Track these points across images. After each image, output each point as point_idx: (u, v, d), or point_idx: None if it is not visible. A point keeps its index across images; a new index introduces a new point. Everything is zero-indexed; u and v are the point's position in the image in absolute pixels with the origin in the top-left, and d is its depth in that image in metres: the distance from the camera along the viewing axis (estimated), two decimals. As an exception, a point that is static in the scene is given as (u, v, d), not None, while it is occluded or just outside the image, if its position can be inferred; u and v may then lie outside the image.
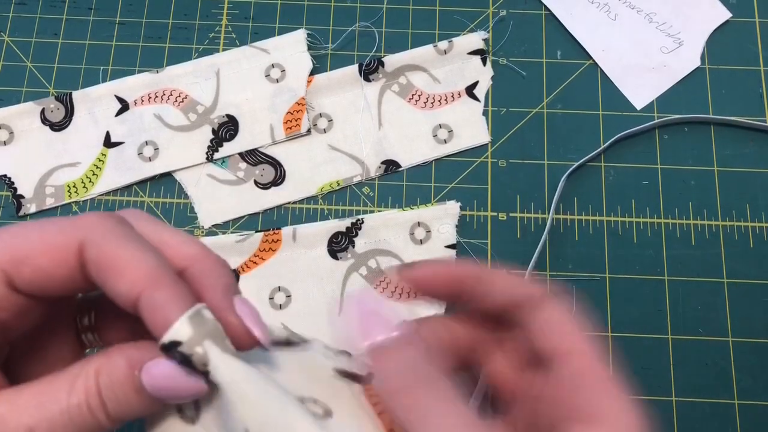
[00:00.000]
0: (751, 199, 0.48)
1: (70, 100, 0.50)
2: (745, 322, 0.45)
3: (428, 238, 0.45)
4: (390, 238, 0.45)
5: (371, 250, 0.45)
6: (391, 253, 0.45)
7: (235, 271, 0.41)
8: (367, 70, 0.50)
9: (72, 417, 0.22)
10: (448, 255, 0.45)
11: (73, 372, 0.22)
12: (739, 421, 0.43)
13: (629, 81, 0.51)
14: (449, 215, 0.46)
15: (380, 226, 0.45)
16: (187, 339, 0.21)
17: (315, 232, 0.45)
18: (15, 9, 0.53)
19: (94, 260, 0.23)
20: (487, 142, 0.49)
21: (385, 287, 0.39)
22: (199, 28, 0.52)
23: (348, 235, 0.45)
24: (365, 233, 0.45)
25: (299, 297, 0.44)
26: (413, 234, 0.45)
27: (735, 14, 0.52)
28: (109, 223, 0.23)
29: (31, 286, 0.23)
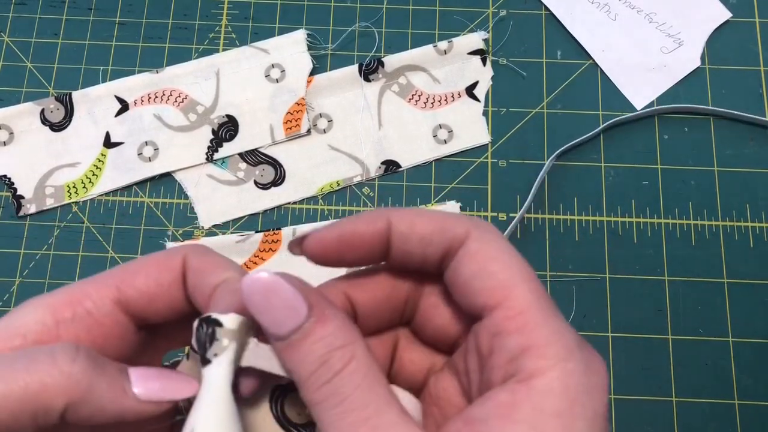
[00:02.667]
0: (751, 199, 0.48)
1: (70, 101, 0.50)
2: (745, 322, 0.45)
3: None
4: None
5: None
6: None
7: None
8: (367, 70, 0.50)
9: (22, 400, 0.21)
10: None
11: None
12: (739, 421, 0.43)
13: (629, 81, 0.51)
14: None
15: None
16: (228, 328, 0.22)
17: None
18: (15, 9, 0.53)
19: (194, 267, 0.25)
20: (487, 142, 0.49)
21: None
22: (199, 28, 0.52)
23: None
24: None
25: None
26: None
27: (735, 14, 0.52)
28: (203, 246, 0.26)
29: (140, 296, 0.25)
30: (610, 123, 0.49)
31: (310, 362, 0.21)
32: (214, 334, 0.22)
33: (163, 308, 0.25)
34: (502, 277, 0.22)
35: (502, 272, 0.22)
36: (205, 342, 0.22)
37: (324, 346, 0.21)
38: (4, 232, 0.48)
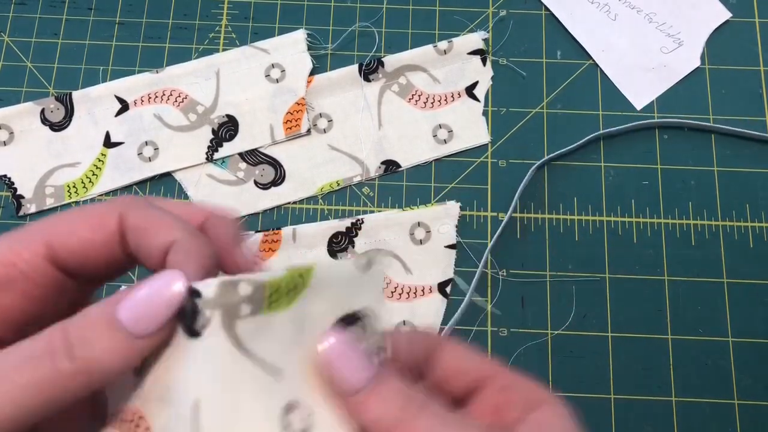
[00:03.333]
0: (751, 199, 0.48)
1: (70, 101, 0.50)
2: (745, 322, 0.45)
3: (428, 239, 0.45)
4: (390, 239, 0.45)
5: (371, 250, 0.45)
6: (391, 253, 0.45)
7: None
8: (367, 70, 0.50)
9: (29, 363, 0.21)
10: (448, 255, 0.45)
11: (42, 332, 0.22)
12: (739, 421, 0.43)
13: (629, 81, 0.51)
14: (449, 215, 0.46)
15: (380, 226, 0.46)
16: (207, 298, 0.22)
17: (315, 232, 0.46)
18: (15, 9, 0.53)
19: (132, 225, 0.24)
20: (487, 142, 0.49)
21: (385, 287, 0.39)
22: (199, 28, 0.52)
23: (348, 235, 0.45)
24: (365, 233, 0.45)
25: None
26: (413, 234, 0.45)
27: (735, 14, 0.52)
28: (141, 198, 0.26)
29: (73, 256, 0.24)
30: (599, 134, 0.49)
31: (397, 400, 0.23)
32: (196, 306, 0.22)
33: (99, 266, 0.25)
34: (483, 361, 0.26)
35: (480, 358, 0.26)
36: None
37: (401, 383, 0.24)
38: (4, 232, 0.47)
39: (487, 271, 0.46)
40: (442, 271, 0.45)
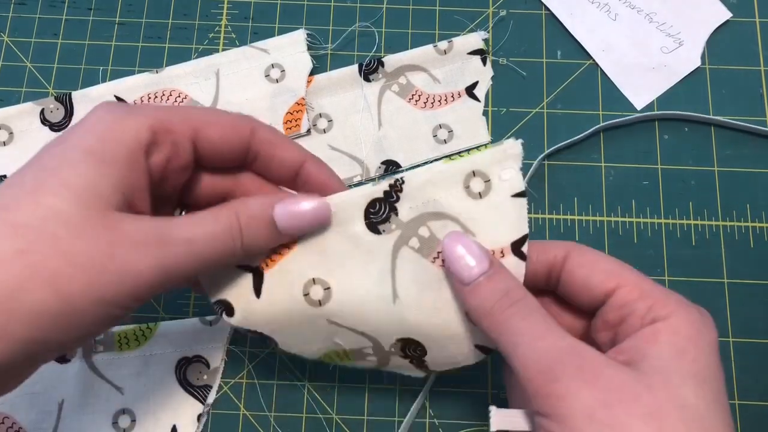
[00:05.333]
0: (751, 199, 0.48)
1: (70, 101, 0.50)
2: (745, 322, 0.45)
3: (489, 189, 0.34)
4: (441, 197, 0.34)
5: (420, 215, 0.34)
6: (447, 215, 0.34)
7: (258, 269, 0.34)
8: (367, 70, 0.50)
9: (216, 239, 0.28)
10: (516, 206, 0.34)
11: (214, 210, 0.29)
12: (740, 421, 0.43)
13: (629, 81, 0.51)
14: (510, 156, 0.35)
15: (426, 183, 0.34)
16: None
17: (346, 204, 0.34)
18: (15, 9, 0.53)
19: (265, 138, 0.33)
20: (487, 143, 0.49)
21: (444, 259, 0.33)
22: (198, 28, 0.52)
23: (387, 200, 0.34)
24: (409, 195, 0.34)
25: (341, 287, 0.34)
26: (469, 187, 0.34)
27: (735, 14, 0.52)
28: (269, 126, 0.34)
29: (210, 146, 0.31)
30: (600, 126, 0.49)
31: (495, 294, 0.30)
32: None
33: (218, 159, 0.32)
34: (611, 269, 0.31)
35: (609, 267, 0.31)
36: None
37: (506, 284, 0.30)
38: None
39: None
40: (512, 226, 0.34)
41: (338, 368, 0.43)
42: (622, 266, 0.31)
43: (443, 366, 0.36)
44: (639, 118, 0.49)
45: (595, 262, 0.32)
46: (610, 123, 0.49)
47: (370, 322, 0.34)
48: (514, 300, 0.29)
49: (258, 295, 0.34)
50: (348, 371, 0.42)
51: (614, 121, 0.49)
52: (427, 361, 0.35)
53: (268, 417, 0.44)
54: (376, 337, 0.35)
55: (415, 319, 0.34)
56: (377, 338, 0.35)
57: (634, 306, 0.29)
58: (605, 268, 0.31)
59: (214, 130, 0.31)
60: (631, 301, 0.29)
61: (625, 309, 0.30)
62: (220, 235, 0.29)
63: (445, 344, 0.34)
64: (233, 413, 0.44)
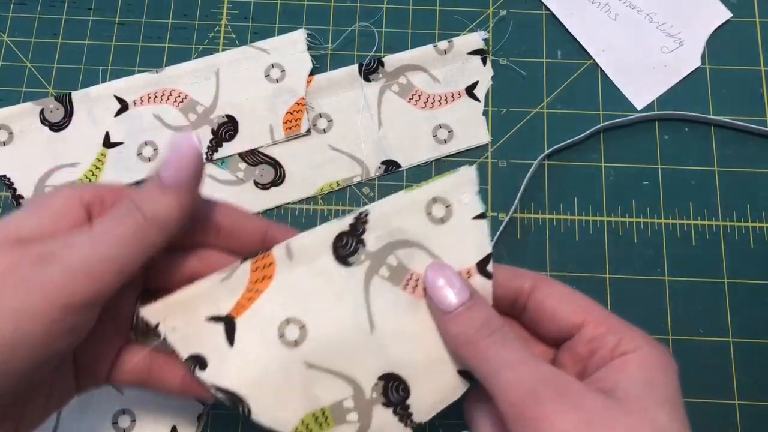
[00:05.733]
0: (751, 199, 0.48)
1: (70, 101, 0.49)
2: (745, 322, 0.45)
3: (450, 214, 0.35)
4: (405, 225, 0.35)
5: (387, 244, 0.35)
6: (413, 242, 0.35)
7: (229, 317, 0.33)
8: (367, 70, 0.50)
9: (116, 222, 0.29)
10: (477, 227, 0.35)
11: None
12: (740, 421, 0.43)
13: (629, 81, 0.51)
14: (466, 182, 0.36)
15: (390, 213, 0.35)
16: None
17: (313, 241, 0.35)
18: (14, 9, 0.53)
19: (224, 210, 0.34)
20: (487, 142, 0.49)
21: (415, 285, 0.34)
22: (198, 28, 0.52)
23: (354, 233, 0.35)
24: (374, 226, 0.35)
25: (316, 323, 0.34)
26: (431, 213, 0.35)
27: (735, 14, 0.52)
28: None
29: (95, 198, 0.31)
30: (600, 126, 0.49)
31: (475, 323, 0.31)
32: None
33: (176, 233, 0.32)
34: (579, 304, 0.33)
35: (577, 301, 0.33)
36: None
37: (485, 313, 0.32)
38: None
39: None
40: (476, 247, 0.35)
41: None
42: (589, 301, 0.33)
43: (430, 407, 0.34)
44: (639, 118, 0.49)
45: (563, 295, 0.33)
46: (610, 123, 0.49)
47: (349, 358, 0.34)
48: (493, 329, 0.31)
49: (231, 344, 0.33)
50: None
51: (614, 121, 0.49)
52: (411, 406, 0.34)
53: (268, 417, 0.44)
54: (356, 379, 0.34)
55: (394, 348, 0.34)
56: (358, 380, 0.34)
57: (603, 340, 0.31)
58: (574, 302, 0.33)
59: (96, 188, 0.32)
60: (600, 335, 0.31)
61: (594, 343, 0.31)
62: (118, 219, 0.29)
63: (428, 374, 0.34)
64: (233, 413, 0.44)
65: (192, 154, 0.31)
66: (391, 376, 0.34)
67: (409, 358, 0.34)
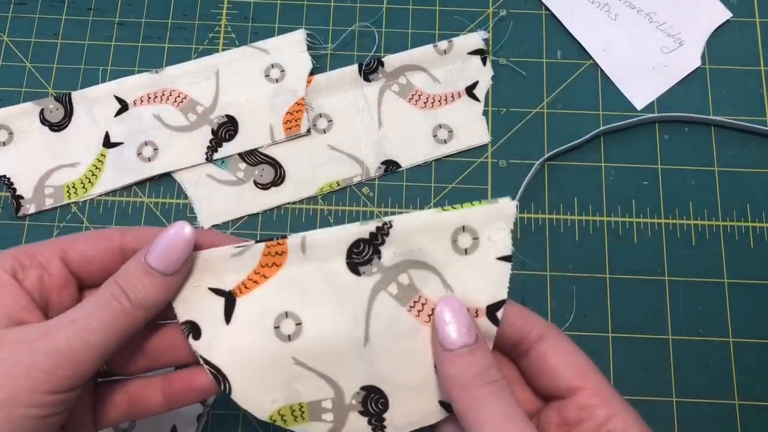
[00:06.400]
0: (751, 199, 0.48)
1: (70, 101, 0.49)
2: (745, 322, 0.45)
3: (475, 247, 0.34)
4: (427, 247, 0.34)
5: (403, 261, 0.34)
6: (429, 266, 0.34)
7: (230, 294, 0.34)
8: (367, 70, 0.50)
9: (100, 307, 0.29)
10: (500, 269, 0.34)
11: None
12: (740, 421, 0.43)
13: (629, 81, 0.51)
14: (503, 217, 0.33)
15: (414, 231, 0.34)
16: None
17: (330, 240, 0.34)
18: (14, 9, 0.53)
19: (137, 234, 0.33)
20: (487, 142, 0.49)
21: (420, 309, 0.33)
22: (198, 28, 0.52)
23: (372, 242, 0.33)
24: (395, 240, 0.33)
25: (313, 324, 0.34)
26: (456, 241, 0.34)
27: (735, 14, 0.52)
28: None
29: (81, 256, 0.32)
30: (601, 129, 0.49)
31: (473, 368, 0.30)
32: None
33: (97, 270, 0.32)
34: (580, 368, 0.32)
35: (579, 364, 0.32)
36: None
37: (486, 361, 0.31)
38: (3, 233, 0.47)
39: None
40: (492, 289, 0.33)
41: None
42: (591, 366, 0.32)
43: (405, 425, 0.34)
44: (639, 120, 0.49)
45: (568, 354, 0.33)
46: (610, 126, 0.49)
47: (337, 364, 0.34)
48: (490, 379, 0.30)
49: (228, 321, 0.33)
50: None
51: (615, 124, 0.49)
52: (386, 420, 0.34)
53: (268, 417, 0.44)
54: (339, 384, 0.34)
55: (383, 366, 0.33)
56: (341, 385, 0.34)
57: (595, 411, 0.31)
58: (576, 364, 0.32)
59: (80, 243, 0.32)
60: (592, 405, 0.31)
61: (584, 412, 0.31)
62: (103, 303, 0.29)
63: (410, 396, 0.34)
64: (233, 413, 0.44)
65: (182, 240, 0.31)
66: (374, 389, 0.34)
67: (395, 377, 0.34)
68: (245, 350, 0.33)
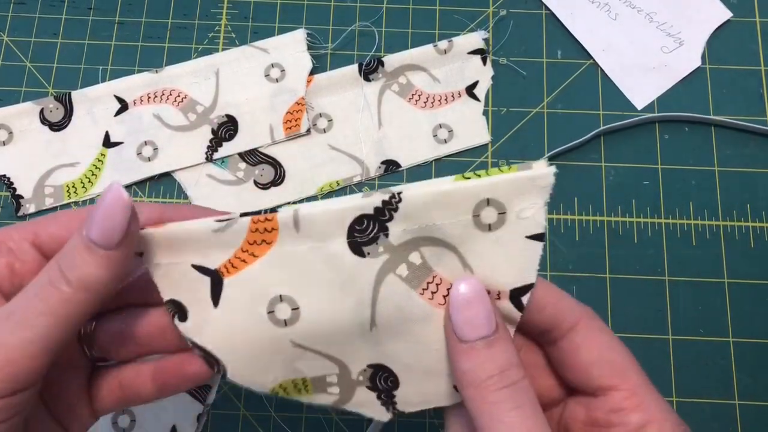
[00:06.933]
0: (751, 199, 0.48)
1: (70, 100, 0.49)
2: (745, 322, 0.45)
3: (501, 223, 0.28)
4: (443, 222, 0.28)
5: (414, 239, 0.29)
6: (445, 243, 0.29)
7: (216, 273, 0.29)
8: (367, 70, 0.50)
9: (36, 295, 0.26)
10: (529, 249, 0.29)
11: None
12: (740, 421, 0.43)
13: (630, 81, 0.51)
14: (537, 188, 0.28)
15: (428, 204, 0.28)
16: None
17: (328, 216, 0.29)
18: (14, 9, 0.53)
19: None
20: (487, 142, 0.49)
21: (435, 291, 0.29)
22: (198, 28, 0.52)
23: (378, 218, 0.28)
24: (405, 215, 0.28)
25: (312, 310, 0.29)
26: (478, 216, 0.28)
27: (735, 14, 0.52)
28: None
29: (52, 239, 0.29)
30: (601, 129, 0.49)
31: (490, 367, 0.26)
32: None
33: None
34: (617, 365, 0.28)
35: (616, 361, 0.28)
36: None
37: (505, 358, 0.27)
38: (3, 232, 0.47)
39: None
40: (518, 271, 0.29)
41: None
42: (629, 363, 0.29)
43: (414, 406, 0.31)
44: (639, 120, 0.49)
45: (604, 349, 0.29)
46: (610, 126, 0.49)
47: (342, 345, 0.30)
48: (508, 381, 0.26)
49: (216, 304, 0.29)
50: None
51: (615, 124, 0.49)
52: (396, 396, 0.31)
53: (268, 417, 0.44)
54: (344, 361, 0.31)
55: (393, 347, 0.30)
56: (346, 363, 0.31)
57: (628, 416, 0.27)
58: (613, 361, 0.28)
59: (52, 226, 0.29)
60: (626, 409, 0.27)
61: (617, 415, 0.28)
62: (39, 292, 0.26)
63: (421, 379, 0.31)
64: (233, 413, 0.44)
65: (120, 204, 0.26)
66: (382, 367, 0.31)
67: (405, 359, 0.30)
68: (238, 334, 0.30)
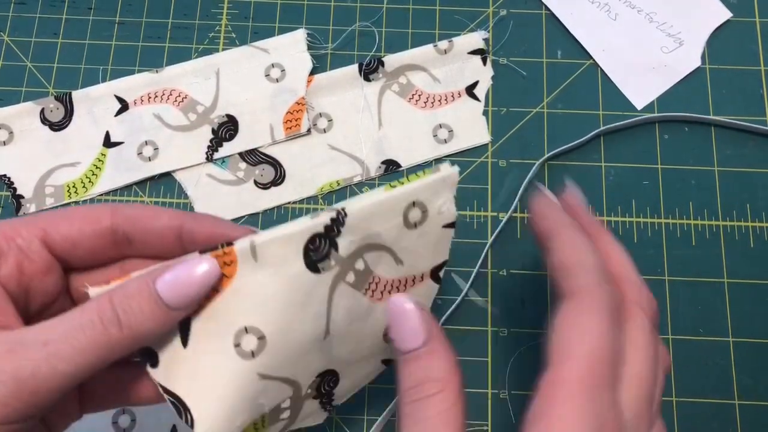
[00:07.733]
0: (751, 199, 0.48)
1: (70, 100, 0.50)
2: (745, 322, 0.45)
3: (424, 220, 0.33)
4: (381, 229, 0.32)
5: (359, 248, 0.31)
6: (383, 246, 0.32)
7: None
8: (367, 70, 0.50)
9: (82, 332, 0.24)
10: (444, 235, 0.34)
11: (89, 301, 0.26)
12: (740, 421, 0.43)
13: (630, 81, 0.51)
14: (448, 186, 0.33)
15: (369, 216, 0.31)
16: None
17: (282, 242, 0.29)
18: (15, 9, 0.53)
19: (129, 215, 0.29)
20: (487, 142, 0.49)
21: (374, 289, 0.32)
22: (198, 28, 0.52)
23: (328, 235, 0.30)
24: (351, 229, 0.31)
25: (276, 335, 0.30)
26: (407, 217, 0.32)
27: (735, 14, 0.52)
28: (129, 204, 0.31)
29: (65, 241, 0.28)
30: (601, 130, 0.49)
31: (411, 380, 0.28)
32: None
33: (84, 254, 0.29)
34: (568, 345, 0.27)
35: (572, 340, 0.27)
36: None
37: (424, 373, 0.28)
38: (3, 232, 0.47)
39: (487, 270, 0.46)
40: (436, 253, 0.34)
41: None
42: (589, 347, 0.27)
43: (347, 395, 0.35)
44: (639, 120, 0.49)
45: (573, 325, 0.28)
46: (610, 126, 0.49)
47: (299, 363, 0.32)
48: (421, 395, 0.27)
49: (185, 345, 0.29)
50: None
51: (615, 124, 0.49)
52: (335, 395, 0.34)
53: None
54: (298, 381, 0.32)
55: (340, 349, 0.33)
56: (300, 381, 0.32)
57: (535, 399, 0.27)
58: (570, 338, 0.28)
59: (64, 224, 0.28)
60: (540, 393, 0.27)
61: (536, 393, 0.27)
62: (86, 327, 0.25)
63: (357, 369, 0.34)
64: (233, 413, 0.44)
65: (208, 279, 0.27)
66: (328, 372, 0.34)
67: (348, 356, 0.34)
68: (207, 376, 0.29)
